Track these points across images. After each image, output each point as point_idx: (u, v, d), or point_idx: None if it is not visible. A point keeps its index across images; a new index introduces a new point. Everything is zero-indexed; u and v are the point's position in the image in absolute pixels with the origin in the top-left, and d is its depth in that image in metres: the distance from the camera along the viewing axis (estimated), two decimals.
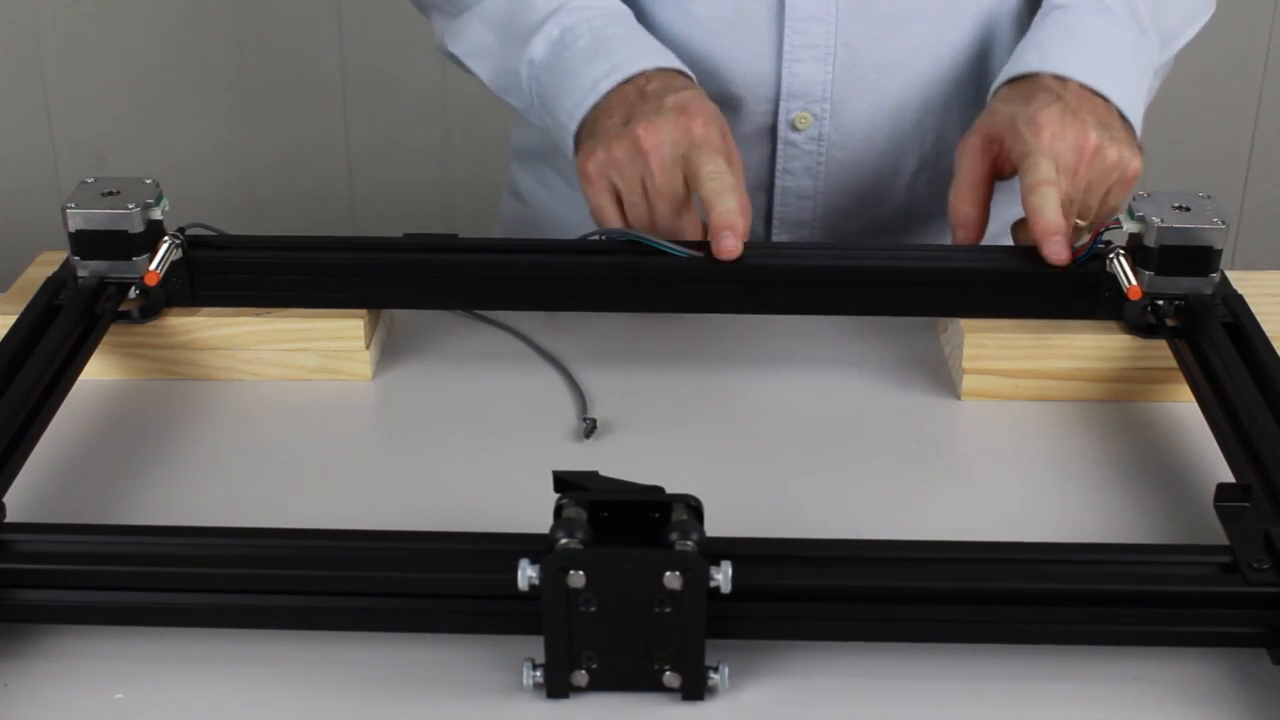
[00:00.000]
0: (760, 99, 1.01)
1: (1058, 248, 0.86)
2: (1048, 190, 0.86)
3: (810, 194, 1.05)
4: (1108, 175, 0.90)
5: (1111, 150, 0.89)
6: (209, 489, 0.80)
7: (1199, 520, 0.76)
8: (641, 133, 0.88)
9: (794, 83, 1.00)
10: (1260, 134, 1.98)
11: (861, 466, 0.82)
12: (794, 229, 1.06)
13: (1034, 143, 0.88)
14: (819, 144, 1.03)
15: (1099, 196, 0.90)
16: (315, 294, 0.89)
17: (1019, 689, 0.66)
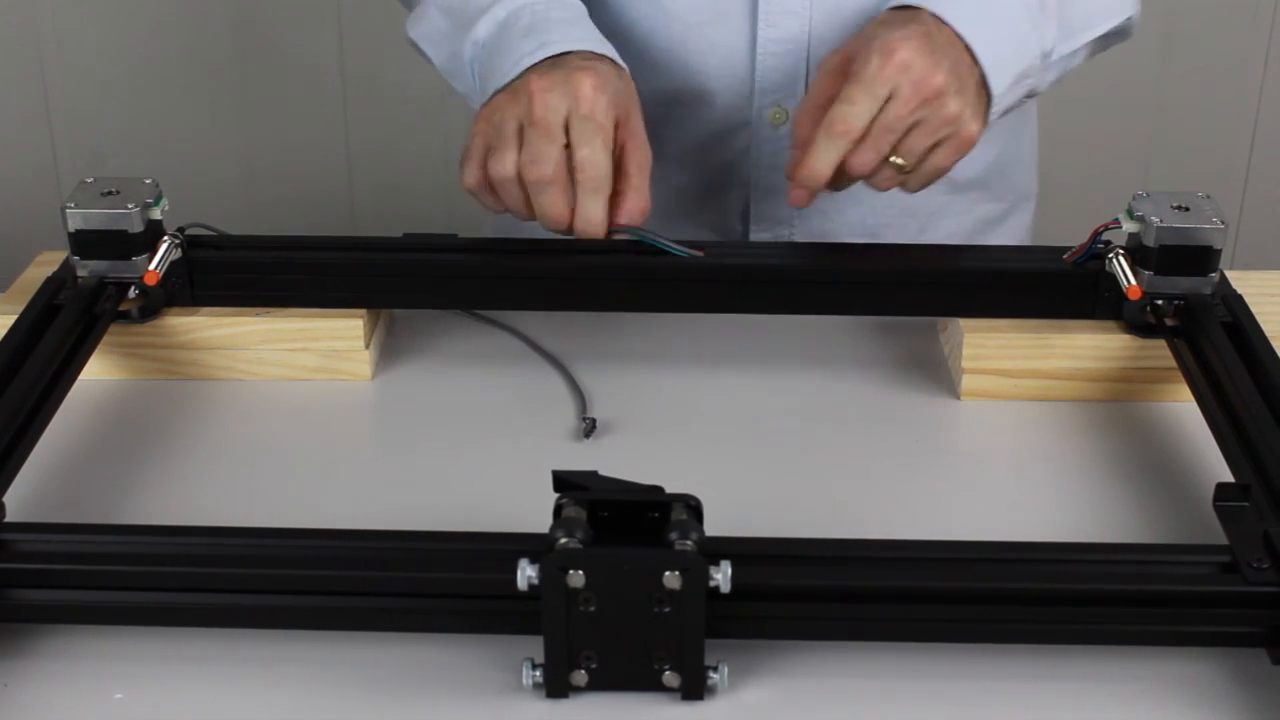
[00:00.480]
0: (734, 93, 1.01)
1: (799, 195, 0.86)
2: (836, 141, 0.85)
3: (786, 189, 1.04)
4: (940, 127, 0.87)
5: (954, 102, 0.86)
6: (209, 489, 0.80)
7: (1199, 520, 0.76)
8: (533, 80, 0.86)
9: (767, 76, 1.00)
10: (1260, 134, 1.98)
11: (861, 466, 0.82)
12: (773, 226, 1.05)
13: (875, 67, 0.84)
14: None
15: (924, 144, 0.87)
16: (315, 294, 0.89)
17: (1019, 689, 0.66)
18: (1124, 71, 1.88)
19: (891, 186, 0.88)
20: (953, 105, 0.86)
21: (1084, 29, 0.97)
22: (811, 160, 0.85)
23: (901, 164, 0.87)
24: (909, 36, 0.86)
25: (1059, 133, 1.92)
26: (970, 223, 1.10)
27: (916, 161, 0.87)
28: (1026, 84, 0.92)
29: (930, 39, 0.87)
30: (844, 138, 0.85)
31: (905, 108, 0.85)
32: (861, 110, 0.84)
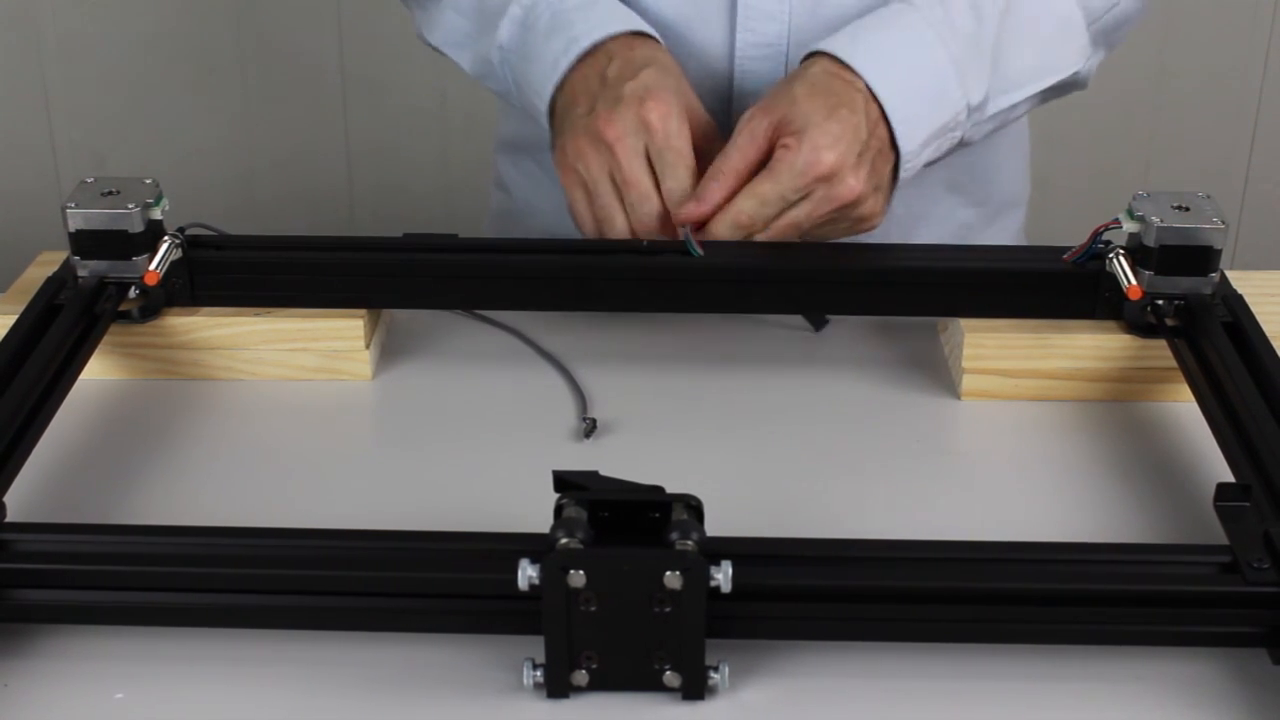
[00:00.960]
0: (714, 98, 1.00)
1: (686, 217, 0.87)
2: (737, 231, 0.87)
3: None
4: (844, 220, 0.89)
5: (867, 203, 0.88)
6: (209, 489, 0.80)
7: (1199, 520, 0.76)
8: (603, 126, 0.88)
9: (746, 80, 0.99)
10: (1260, 134, 1.98)
11: (861, 466, 0.82)
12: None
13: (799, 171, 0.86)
14: None
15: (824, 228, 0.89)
16: (315, 294, 0.89)
17: (1019, 689, 0.66)
18: (1124, 71, 1.88)
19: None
20: (866, 207, 0.88)
21: (1024, 84, 0.96)
22: (711, 226, 0.87)
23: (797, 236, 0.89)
24: (835, 143, 0.86)
25: (1059, 133, 1.92)
26: (952, 228, 1.09)
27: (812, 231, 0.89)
28: (950, 137, 0.93)
29: (858, 131, 0.87)
30: (748, 229, 0.87)
31: (817, 211, 0.87)
32: (770, 213, 0.87)
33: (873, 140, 0.88)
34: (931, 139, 0.91)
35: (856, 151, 0.87)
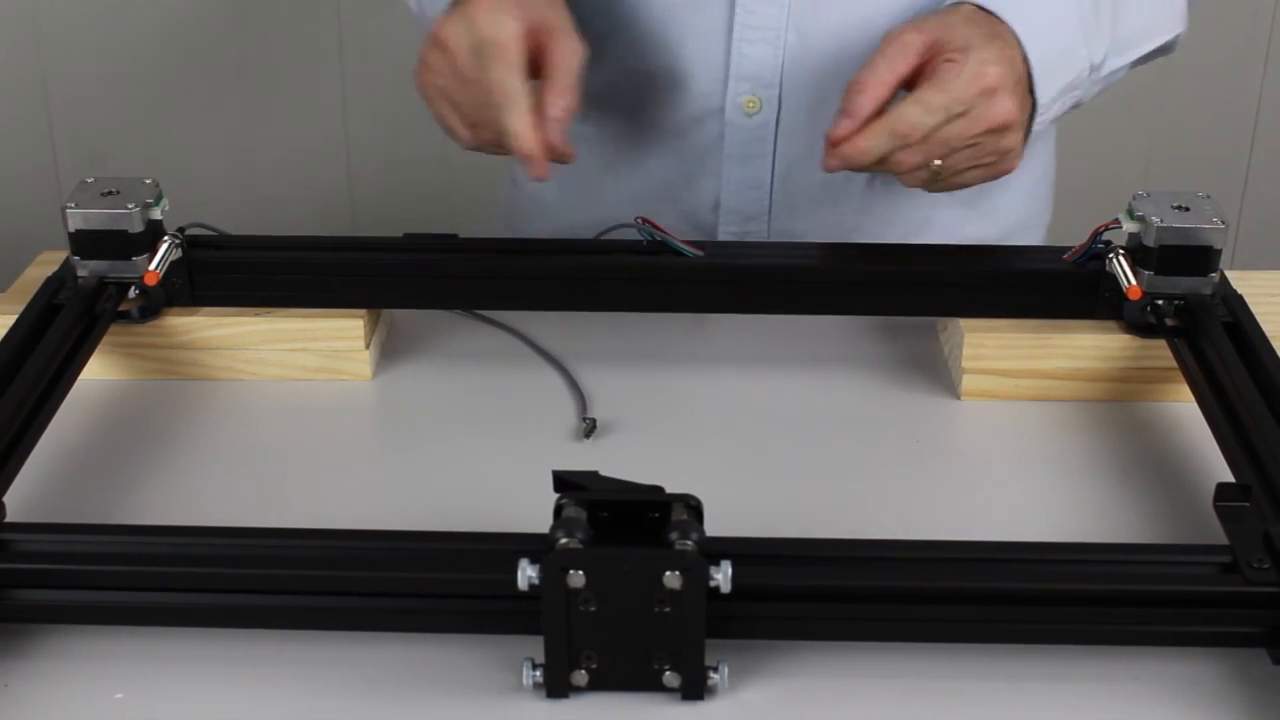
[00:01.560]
0: (708, 79, 1.00)
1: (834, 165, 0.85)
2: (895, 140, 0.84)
3: (758, 184, 1.03)
4: (989, 155, 0.87)
5: (1013, 137, 0.86)
6: (209, 489, 0.80)
7: (1199, 520, 0.76)
8: (437, 29, 0.87)
9: (742, 64, 0.99)
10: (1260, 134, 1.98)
11: (861, 466, 0.82)
12: (743, 221, 1.04)
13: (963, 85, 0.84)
14: (768, 131, 1.01)
15: (968, 164, 0.87)
16: (315, 294, 0.89)
17: (1019, 689, 0.66)
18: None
19: (915, 186, 0.88)
20: (1011, 138, 0.86)
21: (1136, 44, 0.97)
22: (864, 142, 0.84)
23: (938, 170, 0.86)
24: (998, 61, 0.85)
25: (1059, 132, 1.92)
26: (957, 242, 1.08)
27: (951, 174, 0.87)
28: (1073, 95, 0.92)
29: (1013, 66, 0.86)
30: (905, 139, 0.84)
31: (971, 129, 0.85)
32: (932, 121, 0.84)
33: (1020, 85, 0.87)
34: (1060, 94, 0.90)
35: (1014, 81, 0.86)
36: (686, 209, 1.05)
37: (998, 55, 0.85)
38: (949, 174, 0.87)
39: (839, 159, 0.85)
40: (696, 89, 1.01)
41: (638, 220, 0.89)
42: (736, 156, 1.02)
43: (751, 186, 1.03)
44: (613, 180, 1.06)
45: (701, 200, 1.04)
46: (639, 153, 1.04)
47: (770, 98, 1.00)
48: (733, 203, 1.04)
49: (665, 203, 1.04)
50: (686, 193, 1.04)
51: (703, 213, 1.04)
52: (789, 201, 1.04)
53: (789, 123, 1.01)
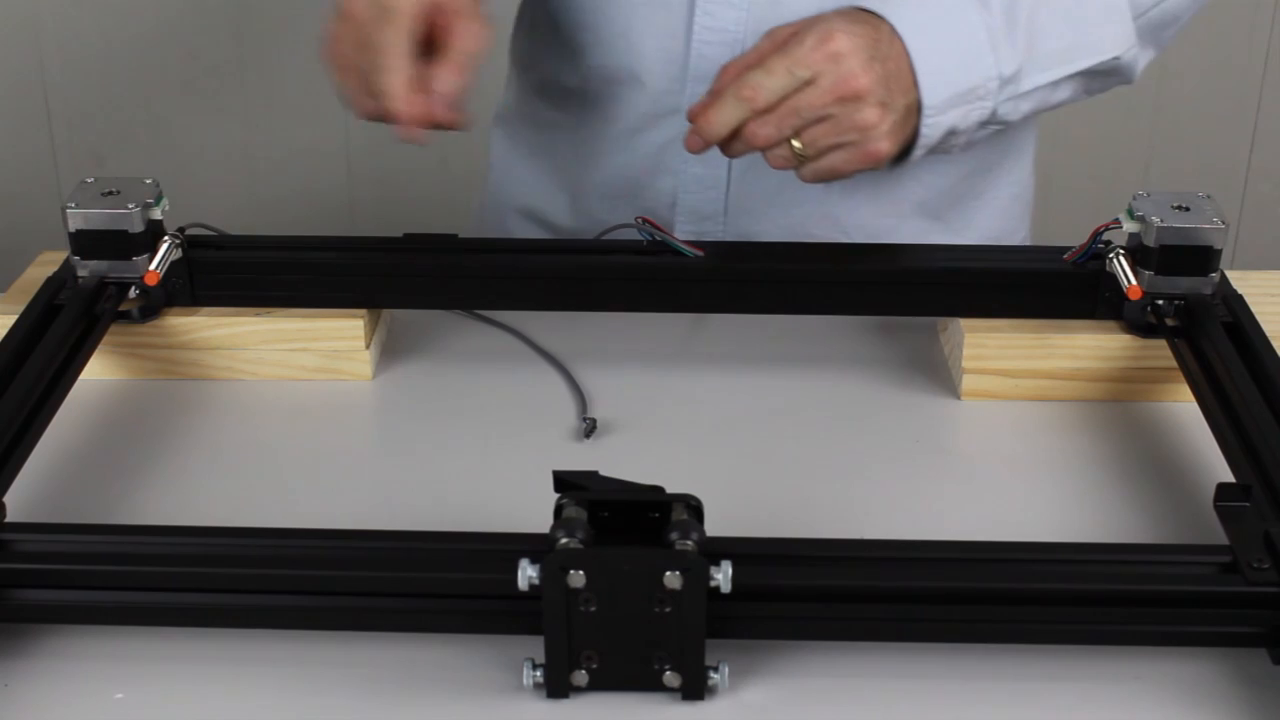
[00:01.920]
0: (667, 78, 1.00)
1: (694, 141, 0.86)
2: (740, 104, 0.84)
3: (715, 184, 1.03)
4: (849, 130, 0.86)
5: (872, 111, 0.85)
6: (209, 489, 0.80)
7: (1199, 520, 0.76)
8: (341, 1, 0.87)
9: (701, 65, 0.99)
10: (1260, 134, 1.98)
11: (861, 466, 0.82)
12: (699, 220, 1.04)
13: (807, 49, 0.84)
14: None
15: (827, 141, 0.86)
16: (315, 294, 0.89)
17: (1019, 689, 0.66)
18: None
19: (783, 168, 0.88)
20: (869, 113, 0.85)
21: (1060, 62, 0.94)
22: (712, 113, 0.86)
23: (799, 149, 0.86)
24: (853, 33, 0.85)
25: (1059, 133, 1.92)
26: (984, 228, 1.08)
27: (815, 154, 0.87)
28: (981, 107, 0.90)
29: (876, 45, 0.86)
30: (748, 104, 0.85)
31: (820, 98, 0.85)
32: (775, 84, 0.84)
33: (890, 62, 0.86)
34: (957, 100, 0.89)
35: (869, 54, 0.85)
36: (647, 205, 1.05)
37: (849, 27, 0.85)
38: (812, 153, 0.87)
39: (696, 134, 0.86)
40: (654, 88, 1.01)
41: (638, 220, 0.89)
42: (694, 156, 1.02)
43: (708, 186, 1.03)
44: (584, 171, 1.07)
45: (660, 198, 1.05)
46: (605, 147, 1.05)
47: None
48: (690, 201, 1.04)
49: (629, 198, 1.05)
50: (648, 190, 1.05)
51: (661, 210, 1.05)
52: (745, 203, 1.04)
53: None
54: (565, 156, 1.09)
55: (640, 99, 1.02)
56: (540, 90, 1.10)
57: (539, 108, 1.10)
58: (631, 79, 1.01)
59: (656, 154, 1.03)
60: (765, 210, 1.04)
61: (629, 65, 1.01)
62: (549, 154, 1.11)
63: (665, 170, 1.04)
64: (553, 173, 1.10)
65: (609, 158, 1.05)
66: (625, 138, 1.04)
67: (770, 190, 1.03)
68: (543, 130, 1.11)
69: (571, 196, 1.09)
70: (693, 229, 1.04)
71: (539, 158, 1.11)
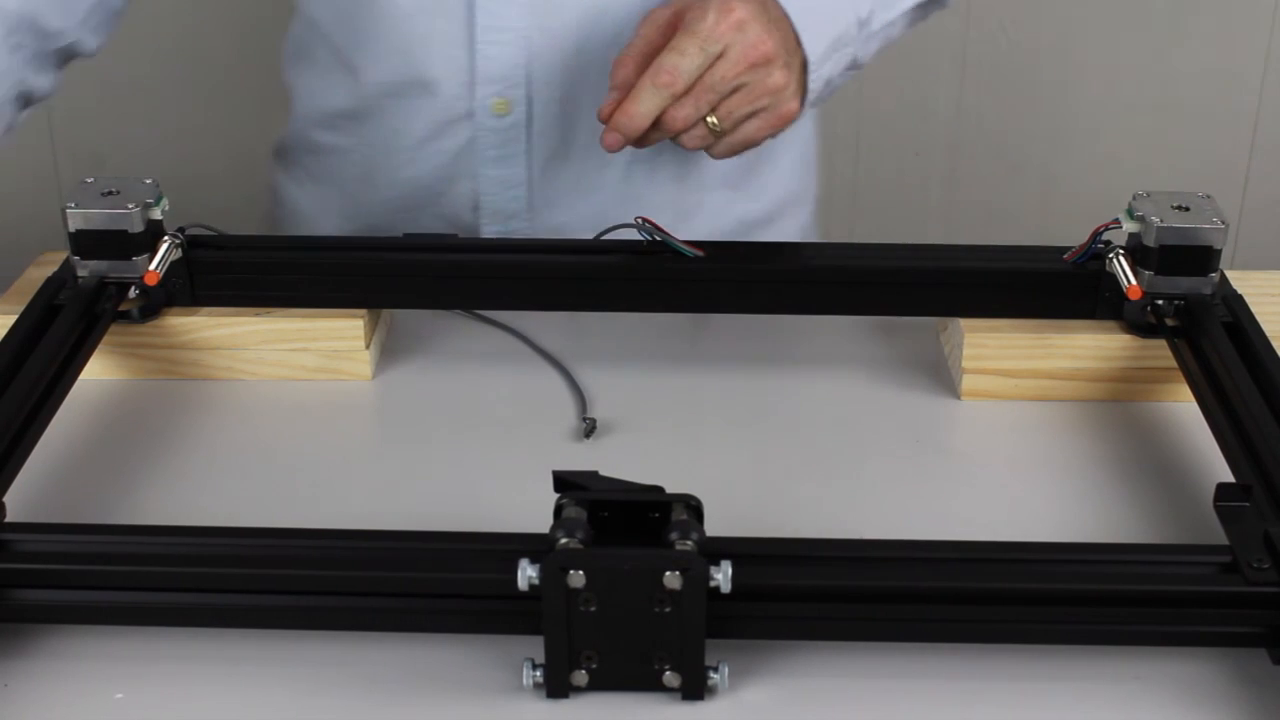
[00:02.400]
0: (456, 82, 1.00)
1: (613, 139, 0.86)
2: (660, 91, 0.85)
3: (515, 184, 1.03)
4: (762, 96, 0.87)
5: (780, 73, 0.87)
6: (209, 489, 0.80)
7: (1199, 520, 0.76)
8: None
9: (487, 66, 0.99)
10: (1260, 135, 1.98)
11: (861, 466, 0.82)
12: (504, 220, 1.05)
13: (711, 23, 0.85)
14: (520, 130, 1.01)
15: (743, 110, 0.87)
16: (315, 294, 0.89)
17: (1019, 689, 0.66)
18: (1124, 71, 1.88)
19: (699, 147, 0.88)
20: (778, 75, 0.87)
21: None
22: (632, 106, 0.85)
23: (715, 124, 0.87)
24: (745, 2, 0.86)
25: (1059, 132, 1.92)
26: (728, 224, 1.09)
27: (731, 126, 0.88)
28: (846, 53, 0.93)
29: (765, 8, 0.87)
30: (668, 89, 0.85)
31: (734, 69, 0.85)
32: (690, 65, 0.85)
33: (779, 23, 0.88)
34: (830, 51, 0.91)
35: (765, 18, 0.87)
36: (447, 212, 1.05)
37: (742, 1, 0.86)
38: (729, 126, 0.88)
39: (614, 131, 0.86)
40: (445, 93, 1.01)
41: (638, 220, 0.89)
42: (491, 158, 1.03)
43: (509, 186, 1.04)
44: (370, 190, 1.07)
45: (460, 202, 1.05)
46: (395, 161, 1.05)
47: (519, 98, 1.00)
48: (491, 203, 1.04)
49: (425, 207, 1.05)
50: (445, 197, 1.05)
51: (463, 214, 1.05)
52: (548, 197, 1.04)
53: (541, 121, 1.01)
54: (349, 178, 1.08)
55: (429, 108, 1.01)
56: (317, 117, 1.09)
57: (318, 134, 1.09)
58: (418, 90, 1.01)
59: (451, 161, 1.03)
60: (568, 201, 1.05)
61: (413, 77, 1.00)
62: (330, 180, 1.10)
63: (463, 175, 1.03)
64: (337, 198, 1.09)
65: (399, 172, 1.05)
66: (415, 149, 1.03)
67: (570, 181, 1.03)
68: (322, 155, 1.10)
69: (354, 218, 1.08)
70: (499, 228, 1.05)
71: (320, 184, 1.10)
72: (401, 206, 1.06)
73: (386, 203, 1.06)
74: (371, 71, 1.02)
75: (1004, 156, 1.94)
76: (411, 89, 1.01)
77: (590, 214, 1.04)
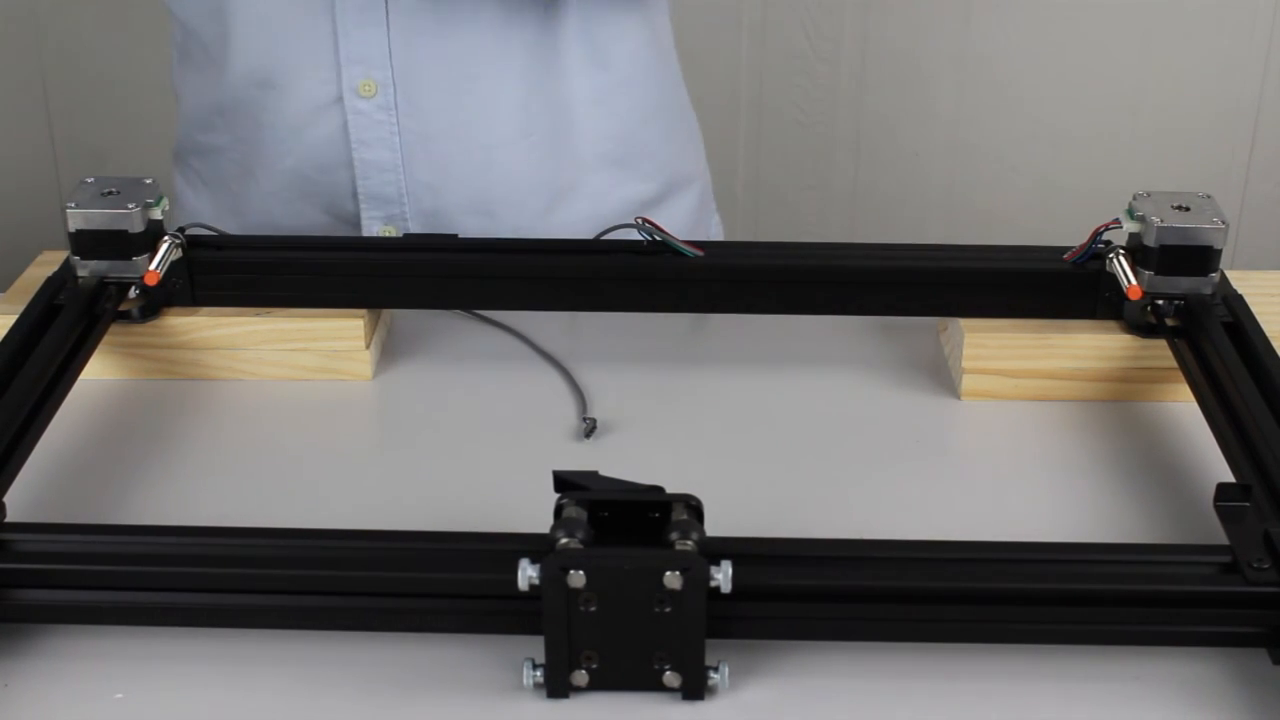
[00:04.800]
0: (321, 66, 1.00)
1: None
2: None
3: (391, 167, 1.03)
4: None
5: None
6: (209, 489, 0.80)
7: (1199, 520, 0.76)
8: None
9: (351, 48, 0.99)
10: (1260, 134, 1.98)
11: (861, 466, 0.82)
12: (383, 205, 1.04)
13: None
14: (389, 113, 1.01)
15: None
16: (315, 294, 0.89)
17: (1019, 689, 0.66)
18: (1124, 72, 1.88)
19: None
20: None
21: None
22: None
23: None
24: None
25: (1060, 132, 1.92)
26: (614, 205, 1.08)
27: None
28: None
29: None
30: None
31: None
32: None
33: None
34: None
35: None
36: (327, 201, 1.05)
37: None
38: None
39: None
40: (312, 78, 1.00)
41: (638, 220, 0.89)
42: (363, 141, 1.02)
43: (384, 169, 1.03)
44: (252, 184, 1.07)
45: (340, 190, 1.04)
46: (271, 153, 1.04)
47: (384, 79, 1.00)
48: (369, 188, 1.03)
49: (307, 199, 1.05)
50: (323, 186, 1.05)
51: (344, 202, 1.05)
52: (428, 180, 1.04)
53: (409, 101, 1.01)
54: (231, 176, 1.08)
55: (299, 95, 1.01)
56: (196, 117, 1.09)
57: (199, 135, 1.09)
58: (286, 78, 1.00)
59: (326, 148, 1.03)
60: (448, 185, 1.04)
61: (281, 64, 1.00)
62: (216, 179, 1.10)
63: (340, 163, 1.03)
64: (225, 196, 1.09)
65: (278, 163, 1.04)
66: (290, 138, 1.03)
67: (447, 165, 1.03)
68: (207, 156, 1.10)
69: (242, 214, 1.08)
70: (380, 214, 1.04)
71: (210, 186, 1.10)
72: (288, 198, 1.05)
73: (274, 194, 1.05)
74: (238, 64, 1.01)
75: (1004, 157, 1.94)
76: (280, 78, 1.01)
77: (473, 197, 1.04)
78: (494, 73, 1.01)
